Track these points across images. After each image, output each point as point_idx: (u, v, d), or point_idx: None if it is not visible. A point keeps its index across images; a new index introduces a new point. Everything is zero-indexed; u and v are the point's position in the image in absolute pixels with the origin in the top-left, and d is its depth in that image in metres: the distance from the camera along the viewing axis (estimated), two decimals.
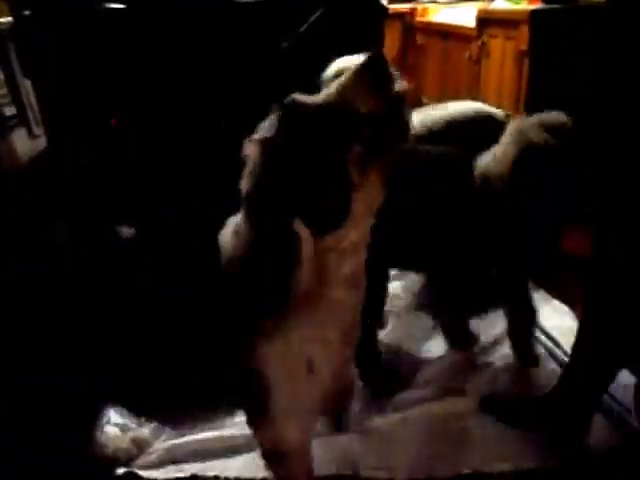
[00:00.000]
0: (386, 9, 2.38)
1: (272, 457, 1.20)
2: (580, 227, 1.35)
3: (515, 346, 1.74)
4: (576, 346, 1.36)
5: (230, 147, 1.04)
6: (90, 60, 2.08)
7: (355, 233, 1.01)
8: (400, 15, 4.41)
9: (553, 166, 1.37)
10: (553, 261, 1.48)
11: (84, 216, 1.24)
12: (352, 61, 0.97)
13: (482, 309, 1.86)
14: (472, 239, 1.50)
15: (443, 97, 3.96)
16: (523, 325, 1.71)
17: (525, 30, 2.64)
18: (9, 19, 2.49)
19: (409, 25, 4.45)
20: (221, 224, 1.08)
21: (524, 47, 2.67)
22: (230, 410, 1.27)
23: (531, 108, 2.71)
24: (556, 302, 2.01)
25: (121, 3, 2.09)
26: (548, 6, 2.68)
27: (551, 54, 2.58)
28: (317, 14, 2.04)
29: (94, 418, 1.29)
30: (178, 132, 2.13)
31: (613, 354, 1.30)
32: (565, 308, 1.98)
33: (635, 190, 1.11)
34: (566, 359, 1.56)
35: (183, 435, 1.50)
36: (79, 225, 1.22)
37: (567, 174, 1.35)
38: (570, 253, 1.57)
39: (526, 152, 1.40)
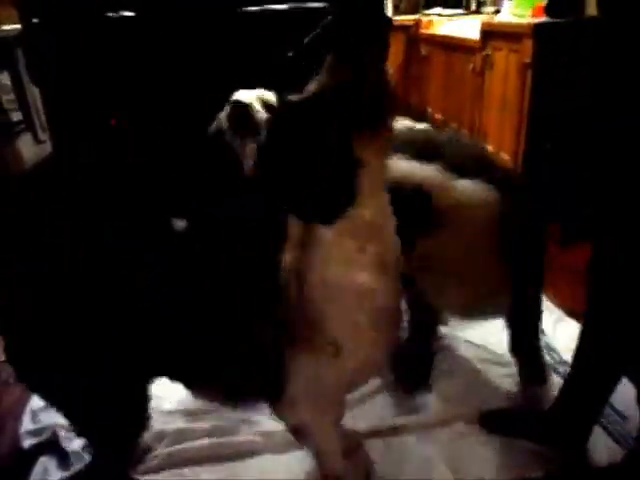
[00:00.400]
0: (391, 20, 2.39)
1: (295, 433, 1.23)
2: (580, 241, 1.35)
3: (520, 361, 1.68)
4: (577, 353, 1.36)
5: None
6: (97, 67, 2.10)
7: (369, 212, 1.01)
8: (405, 27, 4.45)
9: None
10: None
11: (95, 217, 1.25)
12: (252, 94, 0.98)
13: None
14: None
15: (447, 108, 4.00)
16: (528, 336, 1.65)
17: (529, 43, 2.66)
18: (17, 26, 2.53)
19: (413, 37, 4.49)
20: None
21: (528, 60, 2.69)
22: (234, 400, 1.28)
23: (535, 119, 2.74)
24: (559, 311, 2.00)
25: (127, 11, 2.11)
26: (552, 20, 2.71)
27: (554, 67, 2.61)
28: (322, 24, 2.06)
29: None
30: (180, 137, 2.15)
31: (614, 360, 1.29)
32: (569, 319, 1.95)
33: (634, 194, 1.12)
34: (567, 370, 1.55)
35: (184, 441, 1.51)
36: (88, 226, 1.22)
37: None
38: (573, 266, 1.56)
39: None
